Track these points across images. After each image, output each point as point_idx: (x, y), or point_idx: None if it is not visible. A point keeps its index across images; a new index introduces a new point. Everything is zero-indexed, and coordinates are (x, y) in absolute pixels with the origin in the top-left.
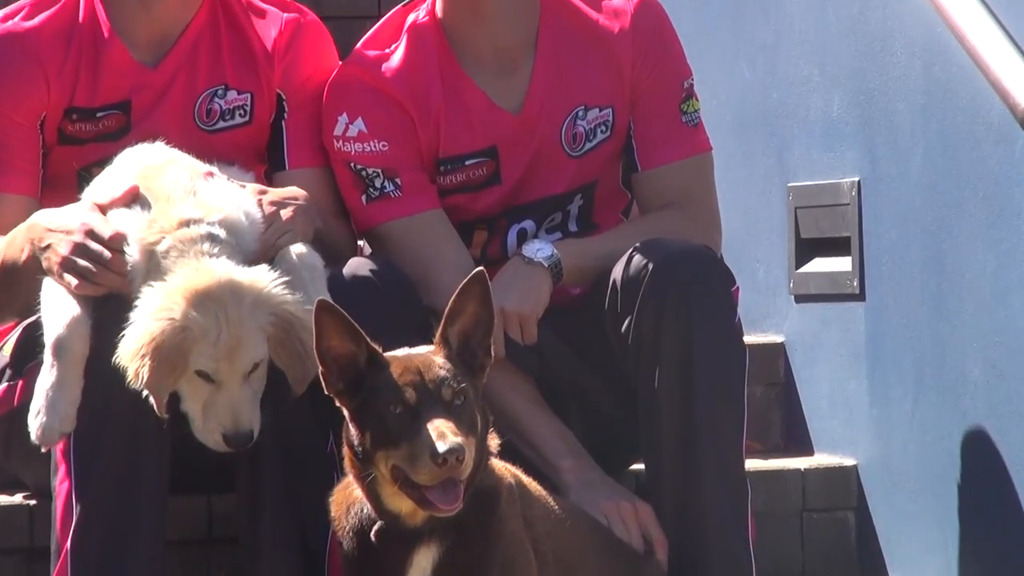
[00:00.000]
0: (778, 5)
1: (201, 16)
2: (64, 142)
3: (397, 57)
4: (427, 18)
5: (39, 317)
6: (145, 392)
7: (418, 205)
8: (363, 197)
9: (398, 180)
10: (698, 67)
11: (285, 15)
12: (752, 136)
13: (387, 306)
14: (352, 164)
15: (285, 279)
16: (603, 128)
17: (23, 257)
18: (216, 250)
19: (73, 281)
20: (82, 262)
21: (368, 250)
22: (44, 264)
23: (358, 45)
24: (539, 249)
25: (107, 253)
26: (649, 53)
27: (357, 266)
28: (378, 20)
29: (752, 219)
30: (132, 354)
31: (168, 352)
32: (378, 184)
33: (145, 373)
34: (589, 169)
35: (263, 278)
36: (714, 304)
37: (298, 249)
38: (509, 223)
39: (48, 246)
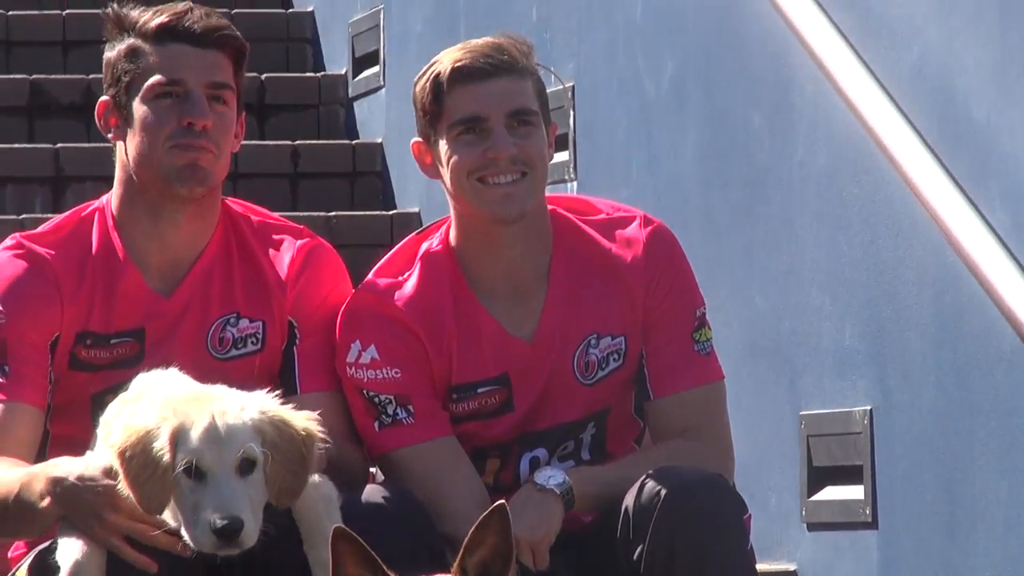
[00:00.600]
0: (791, 235)
1: (214, 245)
2: (77, 367)
3: (410, 285)
4: (440, 246)
5: (52, 541)
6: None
7: (430, 432)
8: (376, 423)
9: (410, 407)
10: (711, 295)
11: (298, 242)
12: (764, 364)
13: (401, 533)
14: (365, 391)
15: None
16: (615, 356)
17: (44, 506)
18: None
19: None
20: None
21: (381, 476)
22: (84, 531)
23: (371, 272)
24: (551, 476)
25: (151, 531)
26: (662, 282)
27: (370, 493)
28: (391, 248)
29: (764, 447)
30: (117, 454)
31: (145, 455)
32: (390, 411)
33: (127, 480)
34: (602, 397)
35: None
36: (727, 532)
37: (312, 479)
38: (522, 451)
39: (89, 514)
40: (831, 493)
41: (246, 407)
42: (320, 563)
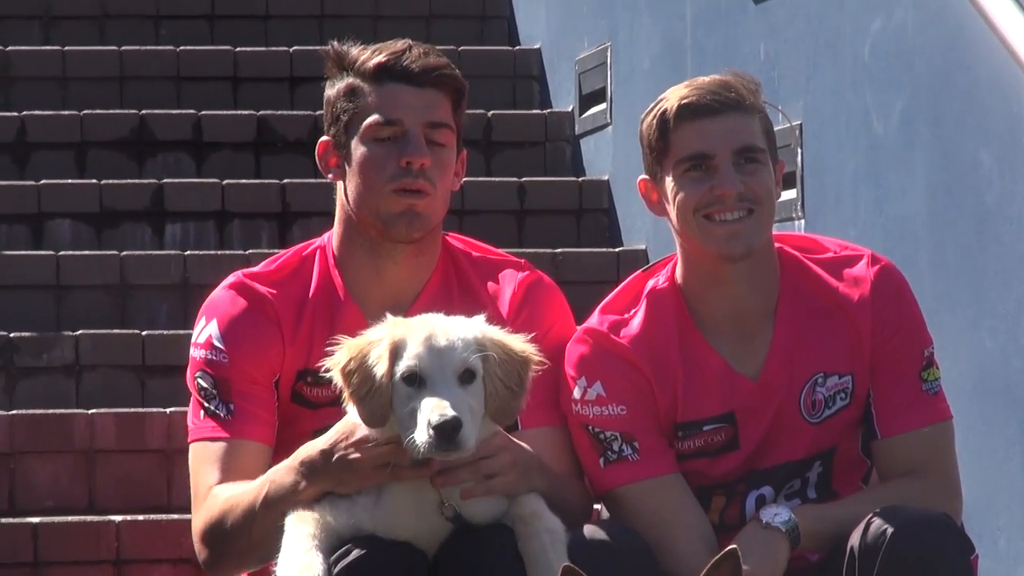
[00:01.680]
0: (1021, 274)
1: (434, 281)
2: (298, 402)
3: (636, 322)
4: (666, 283)
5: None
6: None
7: (656, 469)
8: (601, 460)
9: (636, 443)
10: (939, 335)
11: (519, 275)
12: (993, 404)
13: (625, 571)
14: (590, 427)
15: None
16: (842, 395)
17: (300, 490)
18: None
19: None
20: (338, 454)
21: (605, 514)
22: (341, 487)
23: (597, 309)
24: (776, 514)
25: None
26: (889, 321)
27: (594, 530)
28: (617, 285)
29: (992, 487)
30: (339, 370)
31: (365, 369)
32: (616, 447)
33: (350, 396)
34: (828, 436)
35: None
36: (953, 573)
37: (540, 511)
38: (747, 489)
39: (345, 472)
40: None
41: (467, 323)
42: None
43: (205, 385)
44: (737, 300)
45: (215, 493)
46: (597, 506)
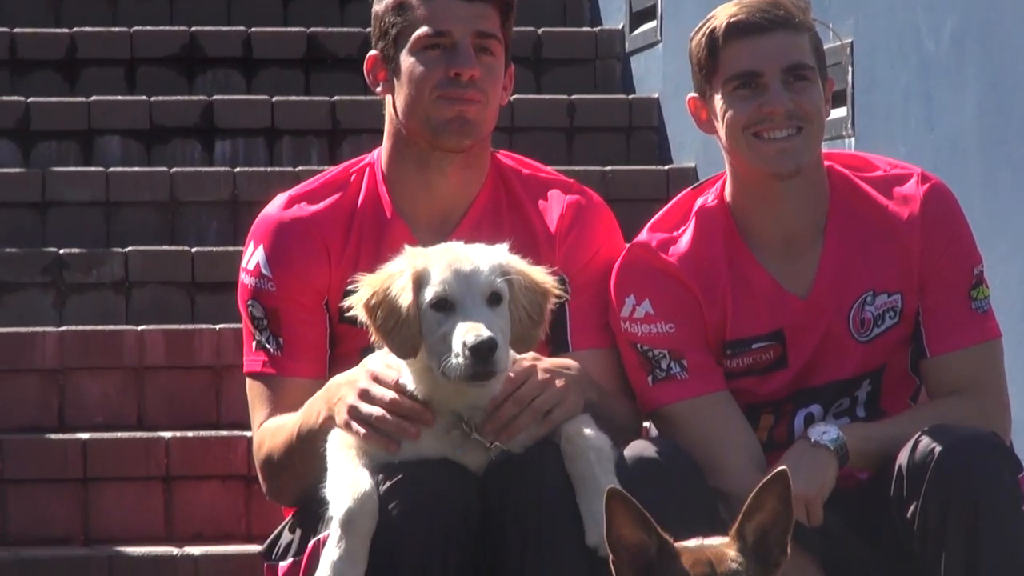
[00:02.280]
0: None
1: (483, 197)
2: (345, 322)
3: (685, 240)
4: (715, 202)
5: (320, 493)
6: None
7: (705, 386)
8: (649, 378)
9: (684, 362)
10: (988, 253)
11: (568, 197)
12: None
13: (674, 489)
14: (638, 345)
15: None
16: (891, 314)
17: (319, 421)
18: None
19: (360, 430)
20: (366, 408)
21: (653, 431)
22: (337, 420)
23: (646, 227)
24: (825, 432)
25: (389, 395)
26: (939, 240)
27: (643, 448)
28: (666, 203)
29: None
30: (363, 307)
31: (389, 302)
32: (664, 365)
33: (376, 332)
34: (877, 355)
35: None
36: (1001, 491)
37: (585, 430)
38: (796, 407)
39: (339, 400)
40: None
41: (489, 250)
42: (592, 516)
43: (256, 314)
44: (786, 218)
45: (263, 428)
46: (646, 424)
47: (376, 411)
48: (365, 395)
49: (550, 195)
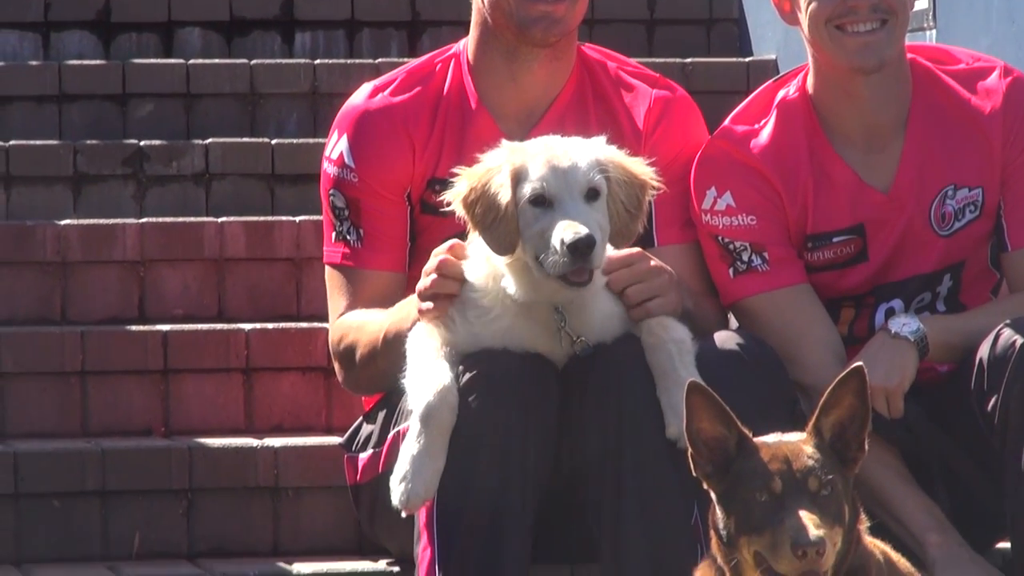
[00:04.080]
0: None
1: (569, 89)
2: (428, 212)
3: (766, 133)
4: (797, 94)
5: (400, 385)
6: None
7: (786, 279)
8: (730, 270)
9: (765, 254)
10: None
11: (654, 92)
12: None
13: (755, 381)
14: (720, 237)
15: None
16: (972, 208)
17: (409, 324)
18: None
19: (424, 306)
20: (424, 283)
21: (734, 324)
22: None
23: (727, 120)
24: (905, 324)
25: (441, 257)
26: (1021, 133)
27: (725, 340)
28: (747, 95)
29: None
30: (461, 202)
31: (487, 198)
32: (745, 258)
33: (475, 226)
34: (958, 249)
35: None
36: None
37: (666, 322)
38: (877, 302)
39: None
40: None
41: (586, 144)
42: (672, 408)
43: (338, 204)
44: (868, 112)
45: (343, 322)
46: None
47: (431, 278)
48: (426, 272)
49: (636, 89)
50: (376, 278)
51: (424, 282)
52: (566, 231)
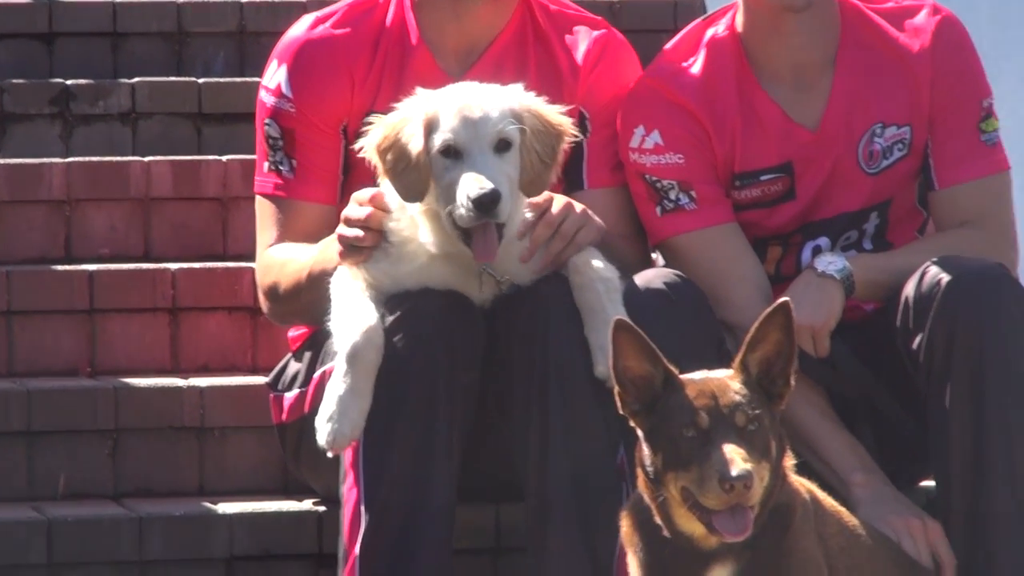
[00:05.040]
0: None
1: (510, 29)
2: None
3: (695, 71)
4: (726, 32)
5: (326, 325)
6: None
7: (713, 218)
8: (658, 209)
9: (693, 193)
10: (997, 85)
11: (595, 32)
12: None
13: (681, 320)
14: (647, 176)
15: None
16: (900, 146)
17: (333, 265)
18: None
19: (344, 251)
20: (345, 230)
21: (661, 263)
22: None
23: (656, 58)
24: (831, 262)
25: (366, 210)
26: (949, 72)
27: (651, 278)
28: (675, 34)
29: None
30: (374, 149)
31: (399, 146)
32: (673, 196)
33: (386, 173)
34: (885, 187)
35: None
36: (1007, 322)
37: (594, 262)
38: (804, 240)
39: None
40: None
41: (502, 93)
42: (599, 347)
43: (272, 134)
44: (796, 50)
45: (270, 254)
46: (654, 255)
47: (354, 231)
48: (347, 220)
49: (577, 31)
50: (307, 210)
51: (347, 231)
52: (471, 185)
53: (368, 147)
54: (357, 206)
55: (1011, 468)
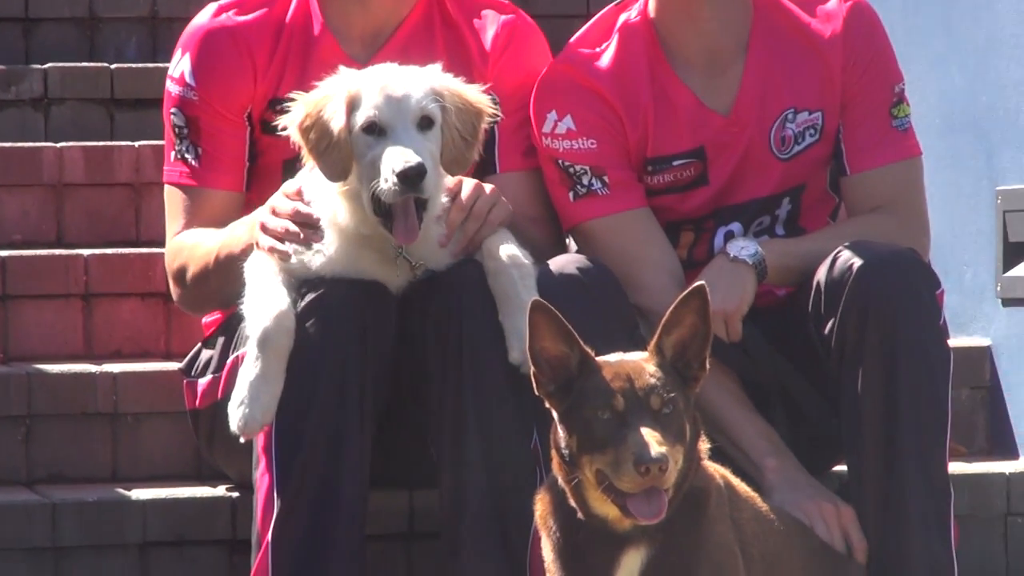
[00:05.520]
0: (989, 8)
1: (416, 13)
2: (267, 132)
3: (607, 56)
4: (639, 18)
5: (240, 310)
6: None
7: (625, 203)
8: (570, 194)
9: (605, 178)
10: (908, 70)
11: (503, 17)
12: (961, 140)
13: (594, 305)
14: (560, 161)
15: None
16: (812, 131)
17: (241, 247)
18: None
19: (268, 243)
20: (273, 221)
21: (575, 249)
22: (257, 243)
23: (569, 44)
24: (743, 247)
25: (293, 205)
26: (860, 57)
27: (564, 263)
28: (588, 19)
29: (960, 222)
30: (296, 127)
31: (321, 124)
32: (585, 181)
33: (309, 152)
34: (797, 172)
35: None
36: (918, 307)
37: (508, 247)
38: (716, 225)
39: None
40: None
41: (423, 73)
42: (515, 332)
43: (178, 123)
44: (709, 35)
45: (178, 240)
46: (568, 240)
47: (282, 223)
48: (273, 210)
49: (484, 15)
50: (214, 197)
51: (274, 222)
52: (396, 159)
53: (290, 125)
54: (284, 198)
55: (922, 451)
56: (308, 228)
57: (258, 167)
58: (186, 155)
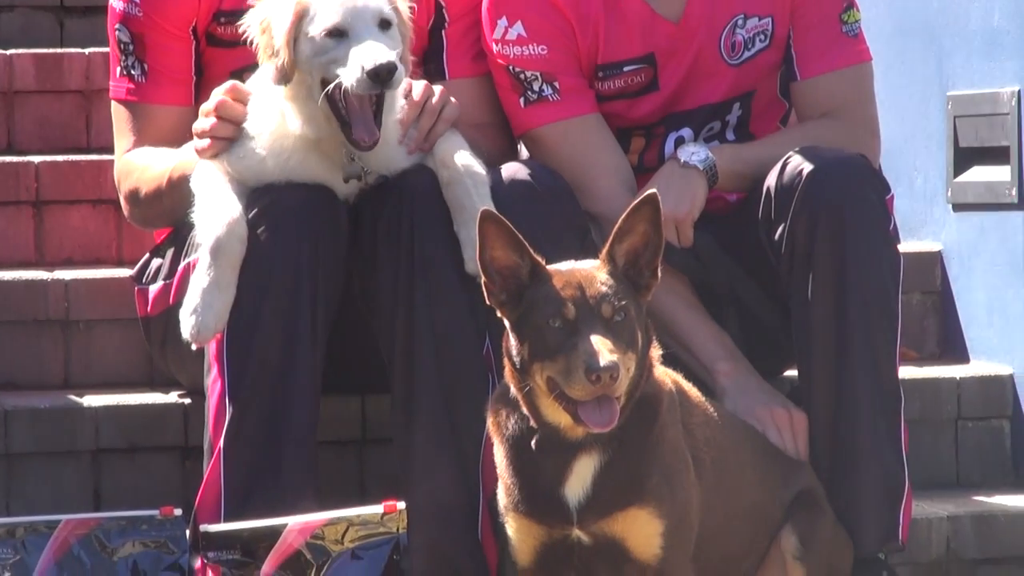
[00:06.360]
0: None
1: None
2: (214, 44)
3: None
4: None
5: (189, 218)
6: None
7: (576, 109)
8: (521, 100)
9: (556, 84)
10: None
11: None
12: (912, 45)
13: (546, 211)
14: (511, 67)
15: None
16: (762, 37)
17: (195, 167)
18: None
19: (200, 144)
20: (201, 122)
21: (526, 154)
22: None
23: None
24: (694, 153)
25: (219, 98)
26: None
27: (516, 170)
28: None
29: (911, 128)
30: (258, 28)
31: (273, 27)
32: (536, 87)
33: (262, 48)
34: (747, 78)
35: None
36: (868, 212)
37: (462, 155)
38: (667, 131)
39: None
40: (977, 174)
41: None
42: (470, 241)
43: (123, 39)
44: None
45: (129, 159)
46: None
47: (209, 121)
48: (203, 112)
49: None
50: (162, 113)
51: (202, 123)
52: (367, 56)
53: (251, 26)
54: (213, 98)
55: (873, 355)
56: (230, 123)
57: (205, 80)
58: (132, 71)
